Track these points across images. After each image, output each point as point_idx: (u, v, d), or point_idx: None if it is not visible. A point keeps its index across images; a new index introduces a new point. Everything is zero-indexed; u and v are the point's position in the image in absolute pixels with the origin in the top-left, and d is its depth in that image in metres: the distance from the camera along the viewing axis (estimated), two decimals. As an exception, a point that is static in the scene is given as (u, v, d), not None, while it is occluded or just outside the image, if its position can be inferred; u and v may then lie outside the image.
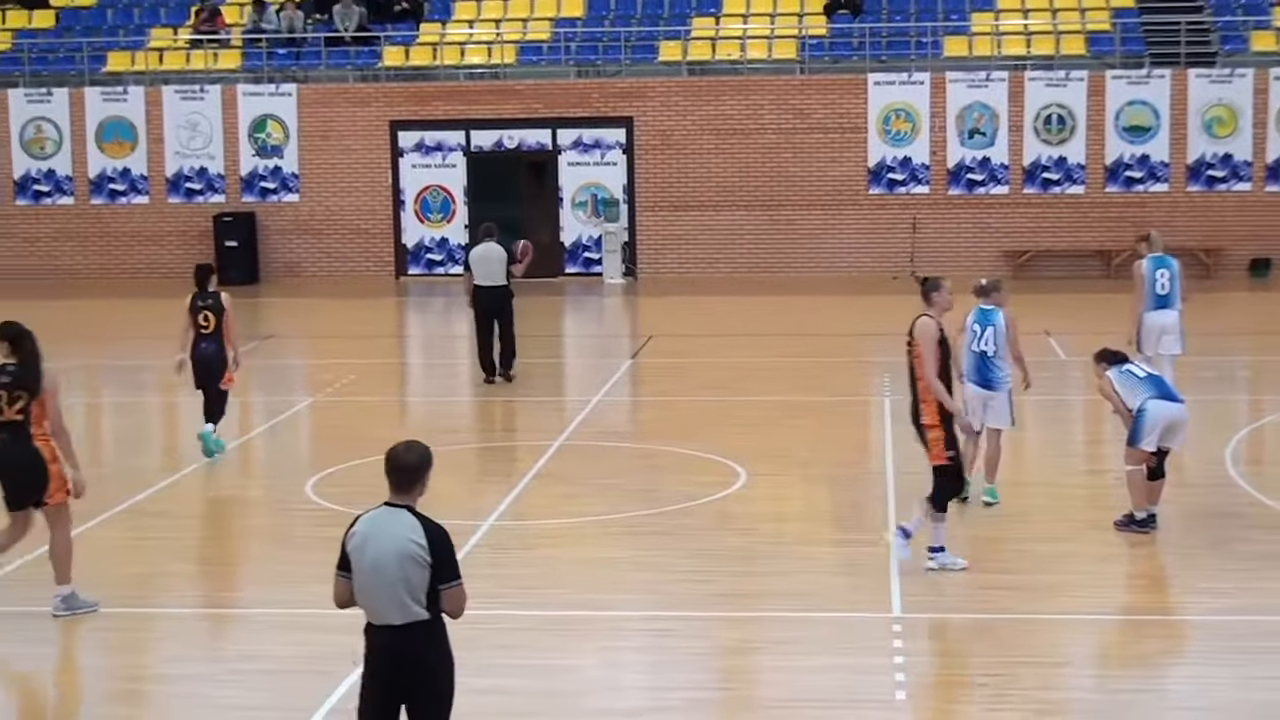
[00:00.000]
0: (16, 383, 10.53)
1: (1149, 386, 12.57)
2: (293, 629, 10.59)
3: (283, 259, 31.25)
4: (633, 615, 10.83)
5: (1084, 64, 30.33)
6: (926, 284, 12.02)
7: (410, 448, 7.29)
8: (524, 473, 14.66)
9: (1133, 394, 12.58)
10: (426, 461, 7.27)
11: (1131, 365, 12.96)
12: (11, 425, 10.53)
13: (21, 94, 31.58)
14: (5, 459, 10.57)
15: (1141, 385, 12.58)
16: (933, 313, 11.78)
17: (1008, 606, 10.92)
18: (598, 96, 30.68)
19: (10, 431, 10.53)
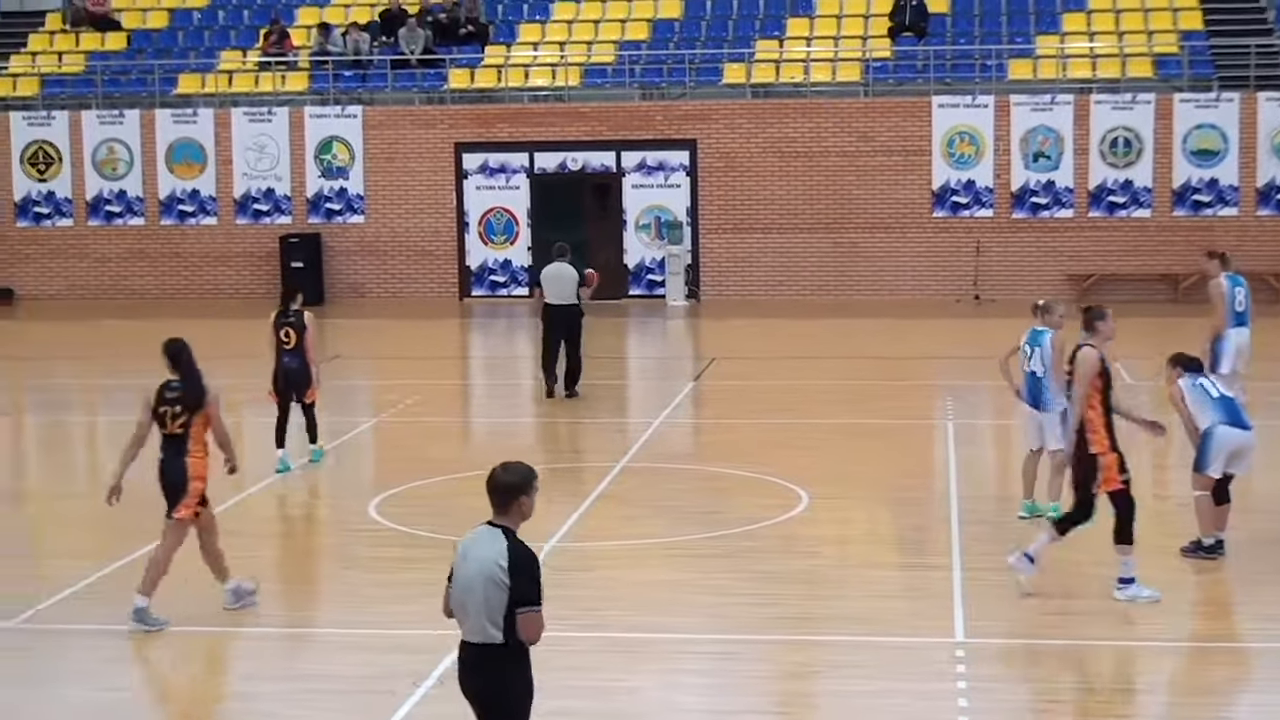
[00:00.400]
0: (181, 399, 11.04)
1: (1219, 409, 12.45)
2: (358, 649, 10.65)
3: (347, 280, 31.48)
4: (695, 638, 10.82)
5: (1151, 86, 30.14)
6: (1090, 313, 11.80)
7: (508, 468, 7.32)
8: (587, 494, 14.68)
9: (1201, 412, 12.46)
10: (525, 481, 7.28)
11: (1205, 380, 12.79)
12: (173, 439, 11.06)
13: (94, 115, 32.02)
14: (165, 471, 11.11)
15: (1212, 406, 12.45)
16: (1094, 341, 11.58)
17: (1072, 632, 10.84)
18: (662, 119, 30.77)
19: (172, 445, 11.06)
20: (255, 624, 11.23)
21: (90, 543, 13.45)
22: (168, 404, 11.07)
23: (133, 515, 14.28)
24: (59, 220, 32.19)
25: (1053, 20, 32.10)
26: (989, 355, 18.88)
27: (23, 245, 32.29)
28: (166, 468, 11.12)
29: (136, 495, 15.31)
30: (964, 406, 19.42)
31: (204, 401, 11.04)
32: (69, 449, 18.49)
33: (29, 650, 10.72)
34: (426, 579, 12.16)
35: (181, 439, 11.05)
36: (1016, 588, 11.45)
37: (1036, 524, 13.27)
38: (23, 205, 32.24)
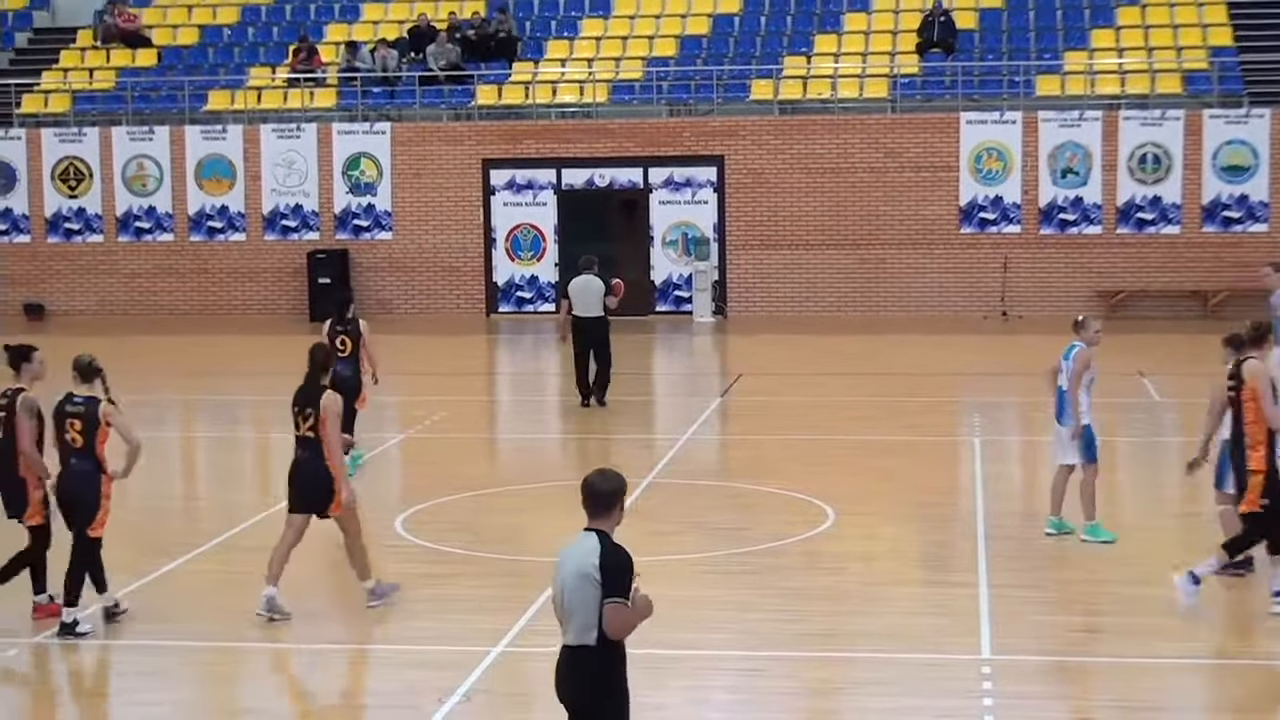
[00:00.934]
0: (306, 401, 11.58)
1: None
2: (383, 665, 10.70)
3: (375, 296, 31.59)
4: (720, 654, 10.84)
5: (1180, 103, 30.08)
6: (1258, 330, 11.80)
7: (604, 476, 7.49)
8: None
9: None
10: (620, 489, 7.45)
11: None
12: (306, 440, 11.56)
13: (124, 132, 32.23)
14: (298, 470, 11.64)
15: None
16: (1258, 355, 11.59)
17: (1099, 650, 10.83)
18: (689, 135, 30.83)
19: (306, 447, 11.55)
20: (279, 640, 11.28)
21: (118, 558, 13.52)
22: (298, 405, 11.68)
23: (161, 532, 14.39)
24: (89, 236, 32.40)
25: (1081, 36, 32.07)
26: (1016, 372, 18.94)
27: (53, 261, 32.51)
28: (304, 468, 11.66)
29: (164, 511, 15.40)
30: (991, 423, 19.40)
31: (320, 405, 11.56)
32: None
33: (55, 666, 10.78)
34: (452, 595, 12.21)
35: (314, 440, 11.55)
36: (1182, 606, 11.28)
37: (1060, 540, 13.24)
38: (53, 221, 32.46)
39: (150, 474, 17.54)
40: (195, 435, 20.34)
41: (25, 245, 32.54)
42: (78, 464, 11.30)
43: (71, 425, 11.30)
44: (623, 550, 7.32)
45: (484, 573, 12.84)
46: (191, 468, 18.42)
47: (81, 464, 11.31)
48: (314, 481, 11.52)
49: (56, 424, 11.34)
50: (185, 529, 14.56)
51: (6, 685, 10.39)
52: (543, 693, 10.13)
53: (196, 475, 17.98)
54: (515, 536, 14.06)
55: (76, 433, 11.28)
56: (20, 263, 32.54)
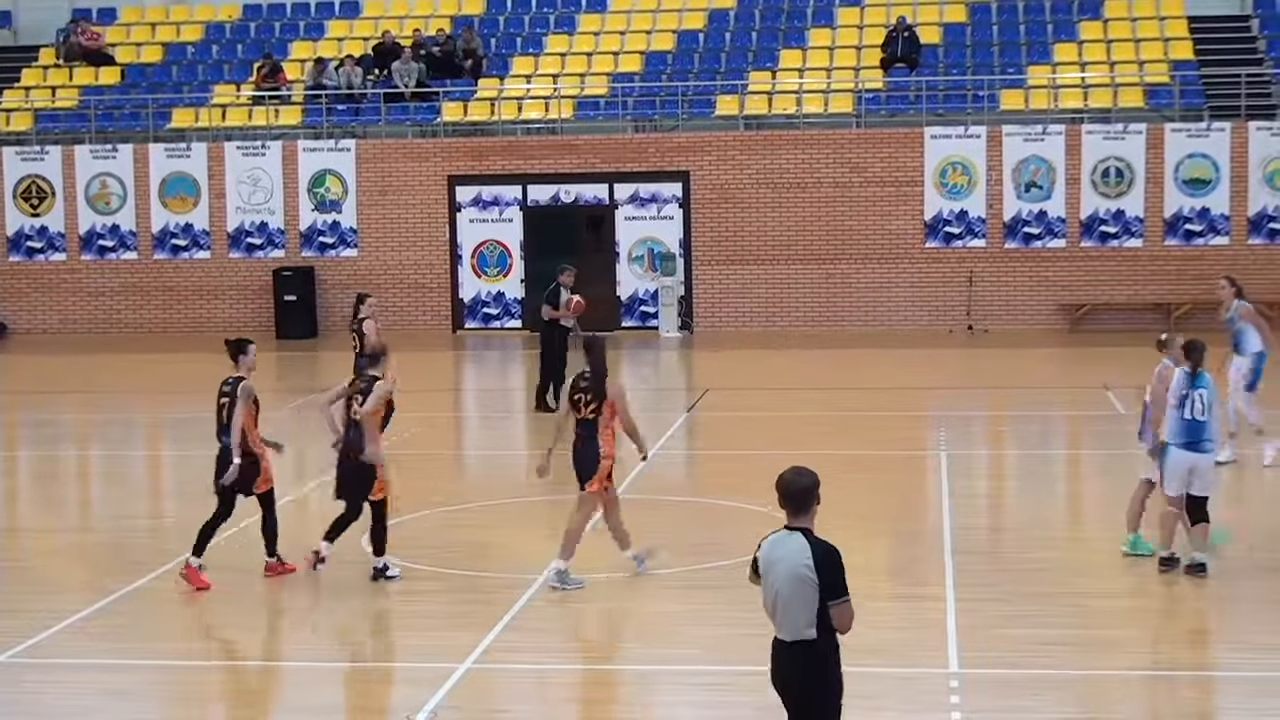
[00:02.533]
0: (591, 388, 12.57)
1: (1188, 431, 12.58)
2: (351, 682, 10.67)
3: (341, 313, 31.47)
4: (691, 669, 10.84)
5: (1142, 117, 30.30)
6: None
7: (800, 473, 7.69)
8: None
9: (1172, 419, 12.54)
10: (815, 483, 7.68)
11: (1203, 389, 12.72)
12: (586, 423, 12.57)
13: (88, 150, 32.12)
14: (578, 450, 12.60)
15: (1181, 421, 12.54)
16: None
17: (1067, 662, 10.87)
18: (654, 151, 30.89)
19: (585, 428, 12.53)
20: (238, 658, 11.24)
21: (84, 577, 13.47)
22: (580, 392, 12.62)
23: (127, 550, 14.33)
24: (52, 255, 32.25)
25: (1044, 51, 32.28)
26: (982, 386, 19.01)
27: (15, 279, 32.35)
28: (581, 447, 12.59)
29: (130, 530, 15.34)
30: (958, 437, 19.47)
31: (607, 393, 12.52)
32: (62, 483, 18.51)
33: (21, 684, 10.73)
34: (423, 611, 12.19)
35: (593, 424, 12.53)
36: None
37: (1024, 554, 13.29)
38: (15, 240, 32.31)
39: (116, 493, 17.48)
40: (161, 454, 20.25)
41: (-12, 264, 32.35)
42: (355, 436, 12.84)
43: (357, 400, 12.84)
44: (832, 547, 7.56)
45: (452, 589, 12.82)
46: (157, 486, 18.34)
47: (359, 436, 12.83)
48: (588, 461, 12.55)
49: (345, 401, 12.91)
50: (151, 548, 14.49)
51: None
52: (511, 709, 10.13)
53: (162, 494, 17.90)
54: (483, 553, 14.04)
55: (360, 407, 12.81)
56: (-17, 281, 32.35)
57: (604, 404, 12.51)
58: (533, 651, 11.12)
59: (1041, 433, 20.32)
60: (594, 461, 12.55)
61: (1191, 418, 12.61)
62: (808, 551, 7.49)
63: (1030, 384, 23.65)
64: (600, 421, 12.52)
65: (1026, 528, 14.77)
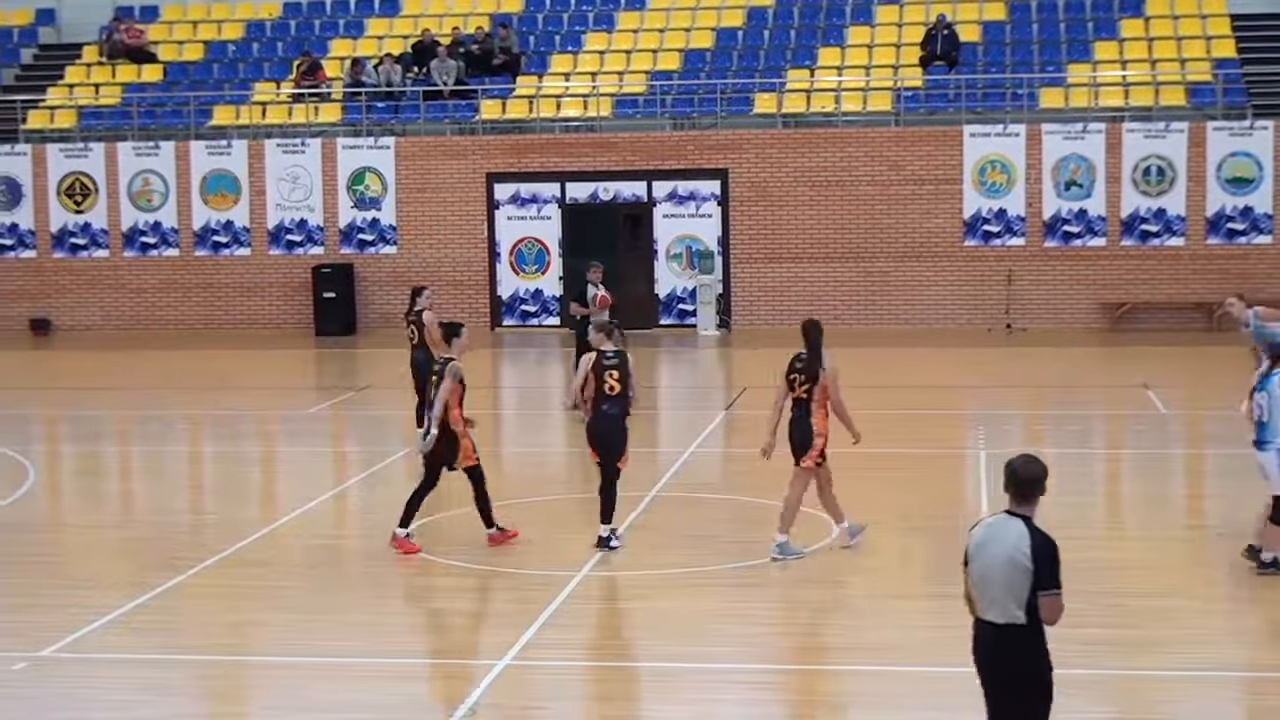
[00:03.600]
0: (804, 369, 13.31)
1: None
2: (388, 679, 10.71)
3: (379, 310, 31.63)
4: (725, 668, 10.84)
5: (1184, 115, 30.11)
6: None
7: (1030, 461, 7.82)
8: (617, 524, 14.72)
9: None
10: (1043, 474, 7.80)
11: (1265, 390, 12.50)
12: (800, 401, 13.31)
13: (130, 147, 32.30)
14: (793, 426, 13.33)
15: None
16: None
17: (1105, 662, 10.82)
18: (693, 149, 30.88)
19: (800, 406, 13.30)
20: (277, 653, 11.29)
21: (126, 572, 13.57)
22: (795, 372, 13.31)
23: (168, 546, 14.42)
24: (95, 251, 32.47)
25: (1085, 49, 32.11)
26: (1021, 385, 18.93)
27: (59, 276, 32.57)
28: (795, 425, 13.28)
29: (170, 526, 15.44)
30: (996, 436, 19.40)
31: (819, 375, 13.21)
32: (104, 478, 18.63)
33: (63, 679, 10.81)
34: (459, 608, 12.24)
35: (806, 402, 13.22)
36: None
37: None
38: (59, 236, 32.53)
39: (157, 489, 17.59)
40: (201, 450, 20.36)
41: (31, 260, 32.60)
42: (609, 408, 13.61)
43: (610, 375, 13.63)
44: (1050, 538, 7.66)
45: (489, 586, 12.85)
46: (198, 482, 18.44)
47: (612, 408, 13.60)
48: (803, 437, 13.26)
49: (596, 375, 13.60)
50: (191, 544, 14.59)
51: (10, 700, 10.41)
52: (549, 706, 10.16)
53: (203, 490, 18.00)
54: (520, 550, 14.06)
55: (615, 381, 13.62)
56: (26, 278, 32.61)
57: (817, 385, 13.19)
58: (571, 648, 11.14)
59: (1080, 432, 20.23)
60: (808, 438, 13.24)
61: None
62: (1027, 539, 7.62)
63: (1069, 383, 23.55)
64: (813, 401, 13.20)
65: (1065, 527, 14.62)
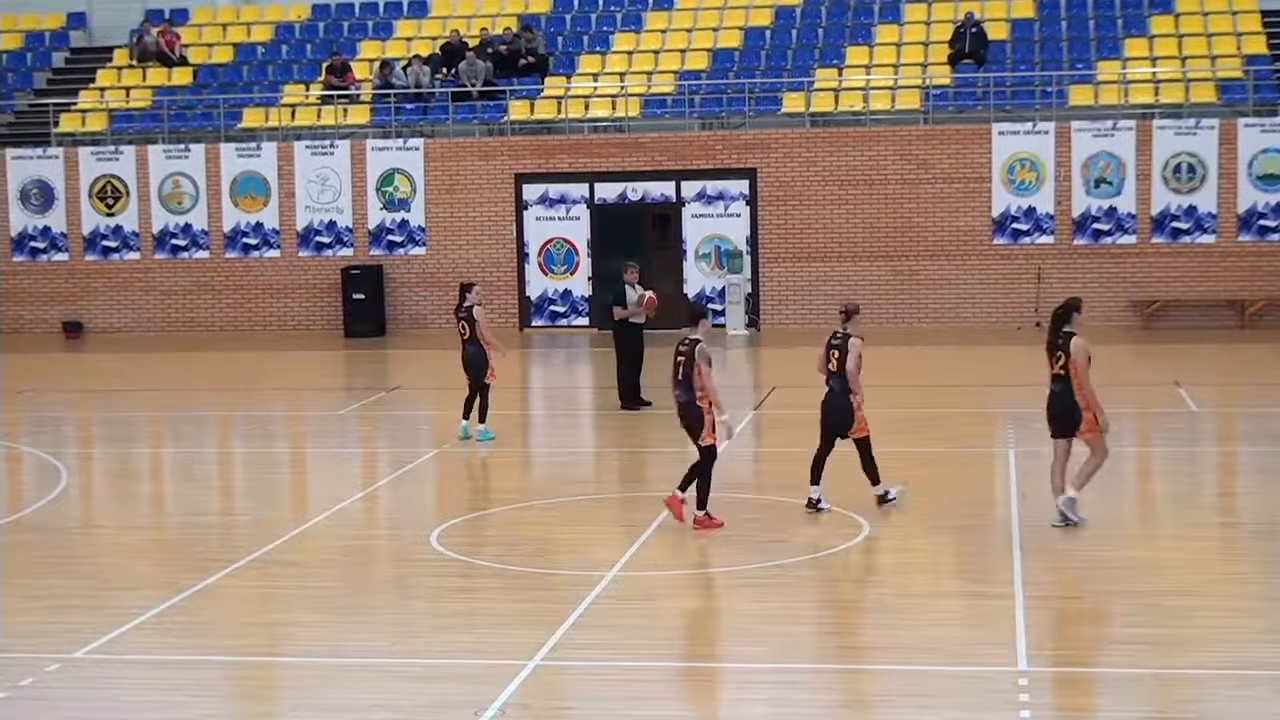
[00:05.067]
0: (1063, 345, 14.18)
1: None
2: (417, 679, 10.68)
3: (409, 311, 31.66)
4: (758, 667, 10.79)
5: (1215, 112, 29.94)
6: None
7: None
8: (647, 524, 14.68)
9: None
10: None
11: None
12: (1059, 378, 14.19)
13: (160, 150, 32.41)
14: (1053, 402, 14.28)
15: None
16: None
17: (1138, 661, 10.73)
18: (721, 148, 30.82)
19: (1059, 382, 14.19)
20: (306, 654, 11.28)
21: (157, 573, 13.57)
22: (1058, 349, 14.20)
23: (199, 547, 14.43)
24: (126, 254, 32.58)
25: (1114, 46, 31.94)
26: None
27: (91, 279, 32.70)
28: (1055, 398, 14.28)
29: (202, 526, 15.45)
30: (1026, 434, 19.28)
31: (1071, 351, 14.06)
32: (136, 480, 18.67)
33: (94, 680, 10.81)
34: (488, 609, 12.20)
35: (1065, 377, 14.10)
36: None
37: (1096, 551, 13.12)
38: (91, 239, 32.66)
39: (189, 490, 17.62)
40: (232, 451, 20.39)
41: (63, 263, 32.74)
42: (835, 385, 14.69)
43: (834, 356, 14.75)
44: None
45: (518, 586, 12.82)
46: (229, 483, 18.47)
47: (838, 384, 14.68)
48: (1067, 411, 14.05)
49: (826, 353, 14.86)
50: (223, 544, 14.59)
51: (42, 701, 10.41)
52: (579, 707, 10.12)
53: (234, 491, 18.02)
54: (549, 550, 14.04)
55: (836, 361, 14.79)
56: (59, 281, 32.74)
57: (1069, 360, 14.06)
58: (600, 649, 11.10)
59: (1112, 431, 20.07)
60: (1074, 413, 14.06)
61: None
62: None
63: (1100, 381, 23.29)
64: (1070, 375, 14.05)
65: (1097, 525, 14.60)
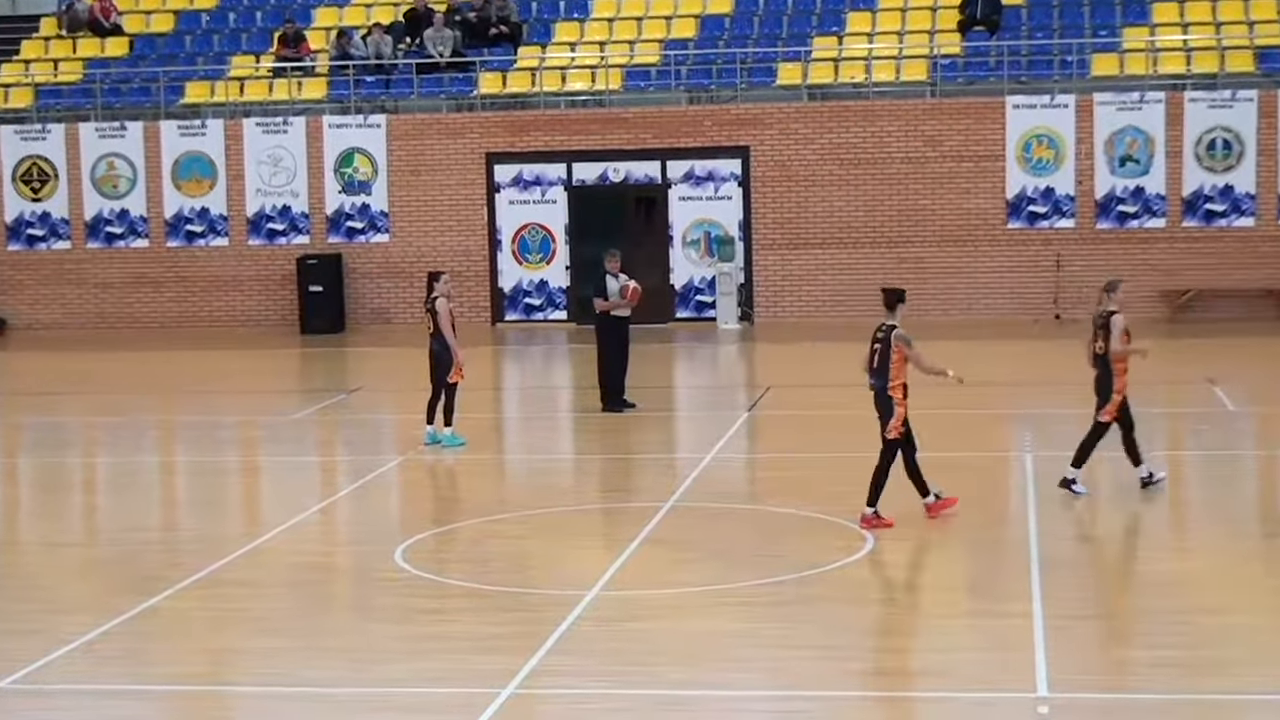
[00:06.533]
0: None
1: None
2: (380, 710, 10.70)
3: (371, 304, 31.66)
4: (751, 695, 10.82)
5: (1253, 82, 30.04)
6: None
7: None
8: (632, 538, 14.71)
9: None
10: None
11: None
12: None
13: (93, 129, 32.35)
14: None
15: None
16: None
17: (1169, 686, 10.78)
18: (711, 124, 30.86)
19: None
20: (260, 683, 11.28)
21: (91, 595, 13.56)
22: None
23: (138, 566, 14.42)
24: (55, 243, 32.51)
25: (1141, 11, 32.04)
26: (1071, 381, 18.85)
27: (15, 270, 32.62)
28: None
29: (143, 544, 15.44)
30: (1044, 438, 19.35)
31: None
32: (67, 492, 18.64)
33: (20, 713, 10.81)
34: (457, 631, 12.22)
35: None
36: None
37: (1122, 563, 13.16)
38: (15, 227, 32.58)
39: (126, 503, 17.60)
40: (176, 460, 20.37)
41: (-13, 254, 32.66)
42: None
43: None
44: None
45: (491, 607, 12.84)
46: (172, 495, 18.45)
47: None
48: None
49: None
50: (166, 562, 14.58)
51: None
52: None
53: (178, 503, 18.01)
54: (524, 568, 14.06)
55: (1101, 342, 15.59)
56: (-19, 273, 32.67)
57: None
58: (581, 675, 11.12)
59: (1139, 432, 20.16)
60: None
61: None
62: None
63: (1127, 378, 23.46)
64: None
65: (1122, 537, 14.67)
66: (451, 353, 19.27)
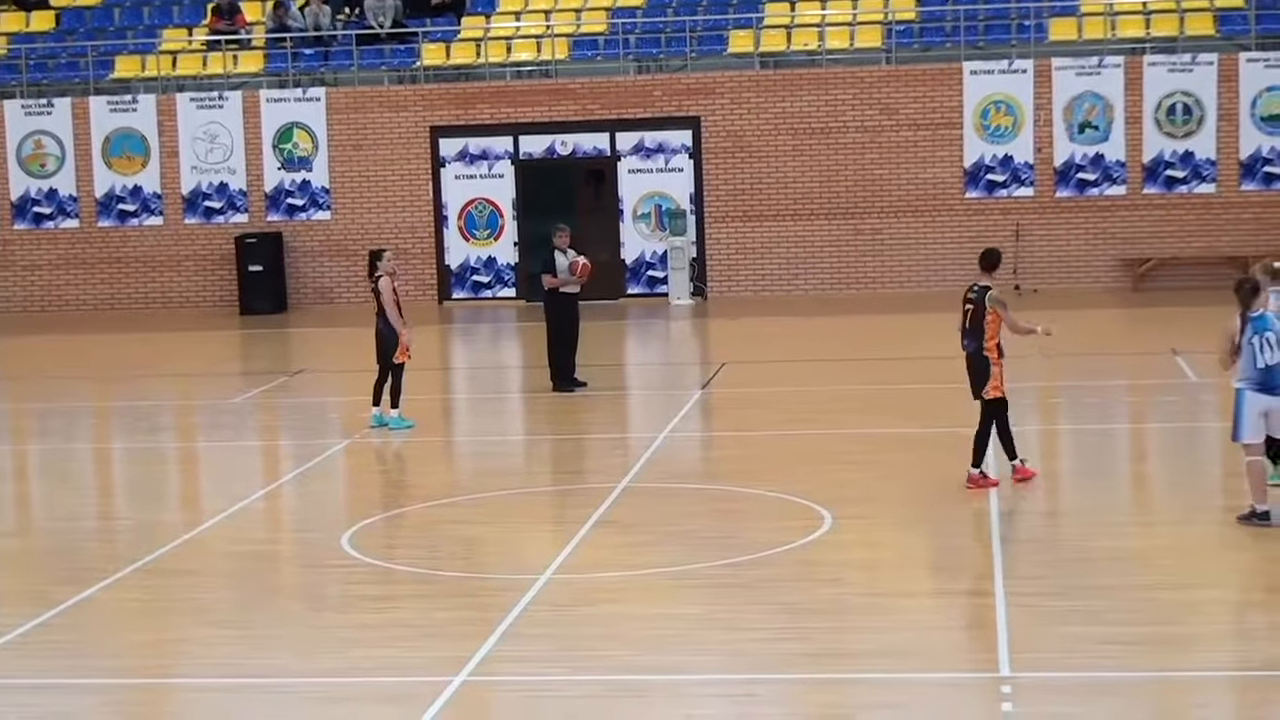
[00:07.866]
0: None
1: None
2: (328, 701, 10.70)
3: (313, 284, 31.56)
4: (708, 679, 10.87)
5: (1213, 46, 30.21)
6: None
7: None
8: (584, 520, 14.73)
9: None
10: None
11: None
12: None
13: (19, 105, 32.11)
14: None
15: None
16: None
17: (1131, 663, 10.88)
18: (660, 95, 30.85)
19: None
20: (201, 674, 11.27)
21: (24, 586, 13.51)
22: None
23: (73, 556, 14.37)
24: (-16, 224, 32.26)
25: (1098, -26, 32.16)
26: (1032, 353, 18.98)
27: (-56, 253, 32.38)
28: None
29: (77, 533, 15.39)
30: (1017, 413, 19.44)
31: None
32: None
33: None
34: (408, 619, 12.22)
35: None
36: None
37: (1085, 540, 13.26)
38: (-57, 208, 32.32)
39: (59, 491, 17.52)
40: (110, 447, 20.29)
41: (-88, 236, 32.42)
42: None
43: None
44: None
45: (441, 593, 12.85)
46: (108, 483, 18.38)
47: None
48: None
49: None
50: (100, 553, 14.53)
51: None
52: (509, 727, 10.16)
53: (114, 491, 17.95)
54: (474, 553, 14.07)
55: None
56: (-94, 256, 32.42)
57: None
58: (535, 662, 11.15)
59: (1101, 405, 20.30)
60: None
61: None
62: None
63: (1087, 350, 23.61)
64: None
65: (1085, 512, 14.77)
66: (398, 334, 19.19)
